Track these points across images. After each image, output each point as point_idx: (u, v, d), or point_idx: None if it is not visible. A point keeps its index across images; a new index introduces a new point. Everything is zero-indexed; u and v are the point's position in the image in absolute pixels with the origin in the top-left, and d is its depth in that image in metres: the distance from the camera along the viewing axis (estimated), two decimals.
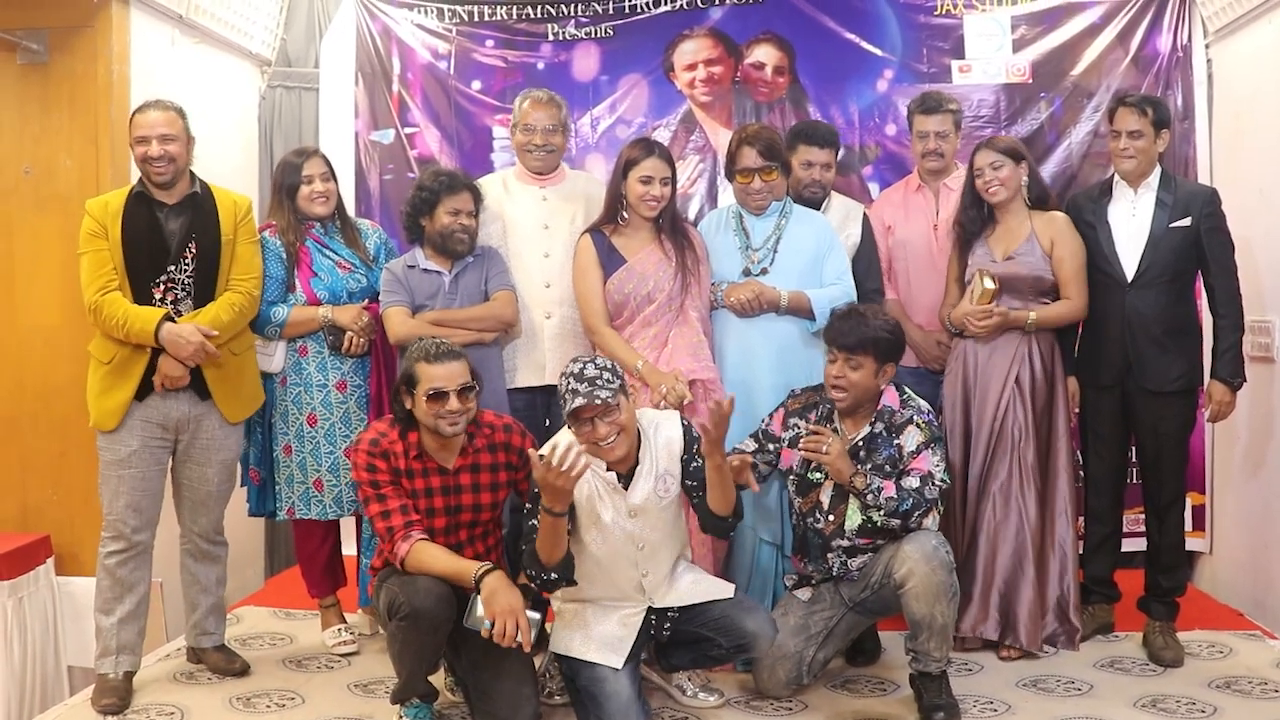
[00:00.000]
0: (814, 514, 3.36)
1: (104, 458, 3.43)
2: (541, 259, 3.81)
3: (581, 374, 3.03)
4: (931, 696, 3.25)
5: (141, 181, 3.45)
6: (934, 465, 3.27)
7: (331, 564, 3.98)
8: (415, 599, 2.96)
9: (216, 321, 3.41)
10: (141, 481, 3.43)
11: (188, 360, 3.36)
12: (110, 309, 3.32)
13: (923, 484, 3.24)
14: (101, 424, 3.39)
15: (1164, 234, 3.67)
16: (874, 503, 3.21)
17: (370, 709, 3.36)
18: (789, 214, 3.74)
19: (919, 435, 3.30)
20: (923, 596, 3.15)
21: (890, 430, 3.33)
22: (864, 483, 3.22)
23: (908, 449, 3.30)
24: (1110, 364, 3.75)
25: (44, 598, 4.11)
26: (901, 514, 3.20)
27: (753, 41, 5.10)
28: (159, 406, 3.42)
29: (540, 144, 3.86)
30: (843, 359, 3.28)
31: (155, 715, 3.33)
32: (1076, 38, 4.90)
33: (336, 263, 3.82)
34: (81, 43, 4.16)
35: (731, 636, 3.20)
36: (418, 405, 3.08)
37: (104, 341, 3.40)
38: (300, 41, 5.34)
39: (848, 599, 3.39)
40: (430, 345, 3.12)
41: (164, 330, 3.32)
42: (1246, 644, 3.82)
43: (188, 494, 3.57)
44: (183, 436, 3.49)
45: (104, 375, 3.40)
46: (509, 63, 5.18)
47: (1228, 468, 4.60)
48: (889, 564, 3.24)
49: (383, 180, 5.22)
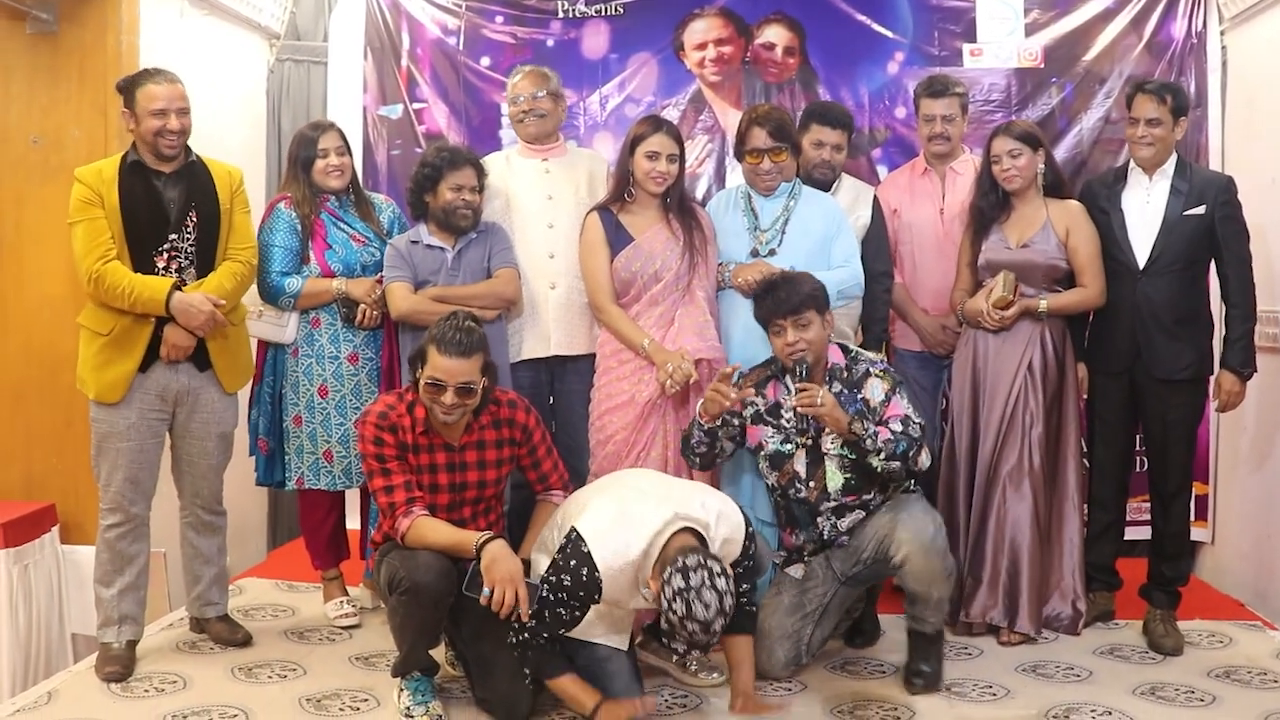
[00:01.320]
0: (793, 485, 3.38)
1: (99, 429, 3.42)
2: (545, 230, 3.80)
3: (709, 627, 2.70)
4: (919, 659, 3.31)
5: (134, 150, 3.42)
6: (905, 408, 3.31)
7: (335, 537, 4.00)
8: (415, 573, 2.97)
9: (221, 290, 3.41)
10: (139, 454, 3.43)
11: (198, 329, 3.36)
12: (114, 277, 3.29)
13: (905, 426, 3.27)
14: (104, 396, 3.38)
15: (1178, 221, 3.66)
16: (873, 447, 3.22)
17: (371, 681, 3.38)
18: (798, 195, 3.73)
19: (883, 384, 3.34)
20: (920, 579, 3.21)
21: (849, 387, 3.35)
22: (862, 428, 3.23)
23: (875, 400, 3.32)
24: (1120, 351, 3.75)
25: (49, 566, 4.12)
26: (900, 455, 3.23)
27: (763, 22, 5.08)
28: (159, 379, 3.42)
29: (527, 109, 3.86)
30: (791, 324, 3.28)
31: (158, 684, 3.36)
32: (1090, 23, 4.88)
33: (351, 236, 3.84)
34: (91, 13, 4.14)
35: None
36: (422, 385, 3.09)
37: (100, 312, 3.37)
38: (309, 15, 5.32)
39: (839, 573, 3.41)
40: (451, 334, 3.04)
41: (175, 299, 3.31)
42: (1247, 634, 3.82)
43: (187, 468, 3.58)
44: (181, 409, 3.49)
45: (102, 347, 3.37)
46: (518, 39, 5.16)
47: (1233, 458, 4.59)
48: (884, 543, 3.26)
49: (390, 155, 5.21)
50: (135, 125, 3.38)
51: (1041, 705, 3.22)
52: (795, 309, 3.27)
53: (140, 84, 3.38)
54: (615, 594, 2.91)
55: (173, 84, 3.40)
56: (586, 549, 2.87)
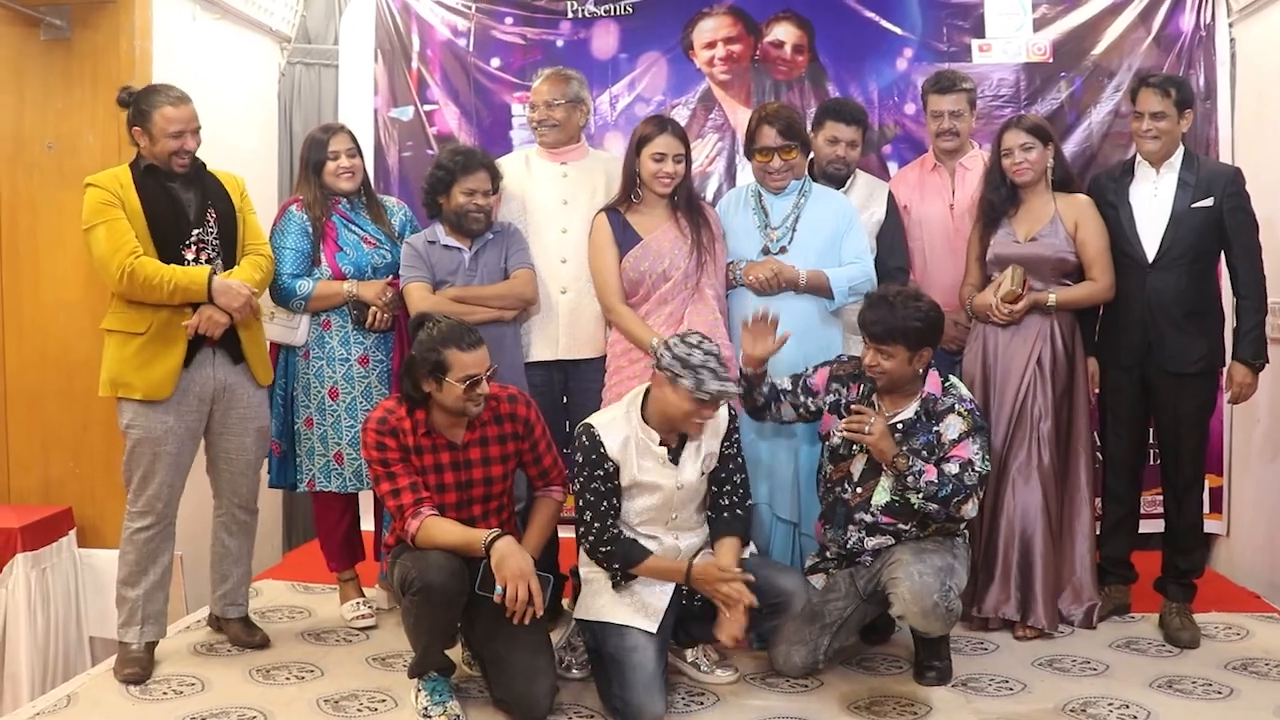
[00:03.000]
0: (843, 484, 3.37)
1: (135, 434, 3.40)
2: (559, 234, 3.81)
3: (721, 357, 3.08)
4: (928, 655, 3.32)
5: (141, 159, 3.43)
6: (974, 453, 3.24)
7: (350, 538, 4.02)
8: (427, 574, 2.98)
9: (252, 280, 3.45)
10: (176, 458, 3.44)
11: (237, 312, 3.38)
12: (149, 270, 3.29)
13: (963, 470, 3.21)
14: (154, 393, 3.36)
15: (1186, 214, 3.65)
16: (914, 485, 3.19)
17: (389, 682, 3.39)
18: (808, 193, 3.73)
19: (961, 424, 3.28)
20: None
21: (930, 416, 3.31)
22: (905, 464, 3.20)
23: (948, 437, 3.28)
24: (1131, 345, 3.74)
25: (66, 569, 4.15)
26: (941, 499, 3.19)
27: (772, 20, 5.08)
28: (199, 376, 3.43)
29: (540, 119, 3.86)
30: (874, 349, 3.26)
31: (176, 686, 3.37)
32: (1098, 16, 4.87)
33: (362, 238, 3.85)
34: (104, 18, 4.17)
35: (766, 595, 3.16)
36: (447, 392, 3.06)
37: (130, 312, 3.36)
38: (320, 18, 5.34)
39: (861, 590, 3.38)
40: (458, 331, 3.09)
41: (216, 280, 3.34)
42: (1263, 626, 3.82)
43: (225, 466, 3.59)
44: (218, 406, 3.51)
45: (141, 346, 3.35)
46: (528, 40, 5.17)
47: (1246, 450, 4.58)
48: (886, 586, 3.24)
49: (402, 157, 5.23)
50: (150, 144, 3.37)
51: (1058, 699, 3.22)
52: (879, 337, 3.24)
53: (155, 105, 3.35)
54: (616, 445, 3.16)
55: (186, 104, 3.39)
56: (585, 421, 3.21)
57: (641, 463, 3.17)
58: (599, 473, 3.14)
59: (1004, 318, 3.70)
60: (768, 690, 3.34)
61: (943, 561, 3.22)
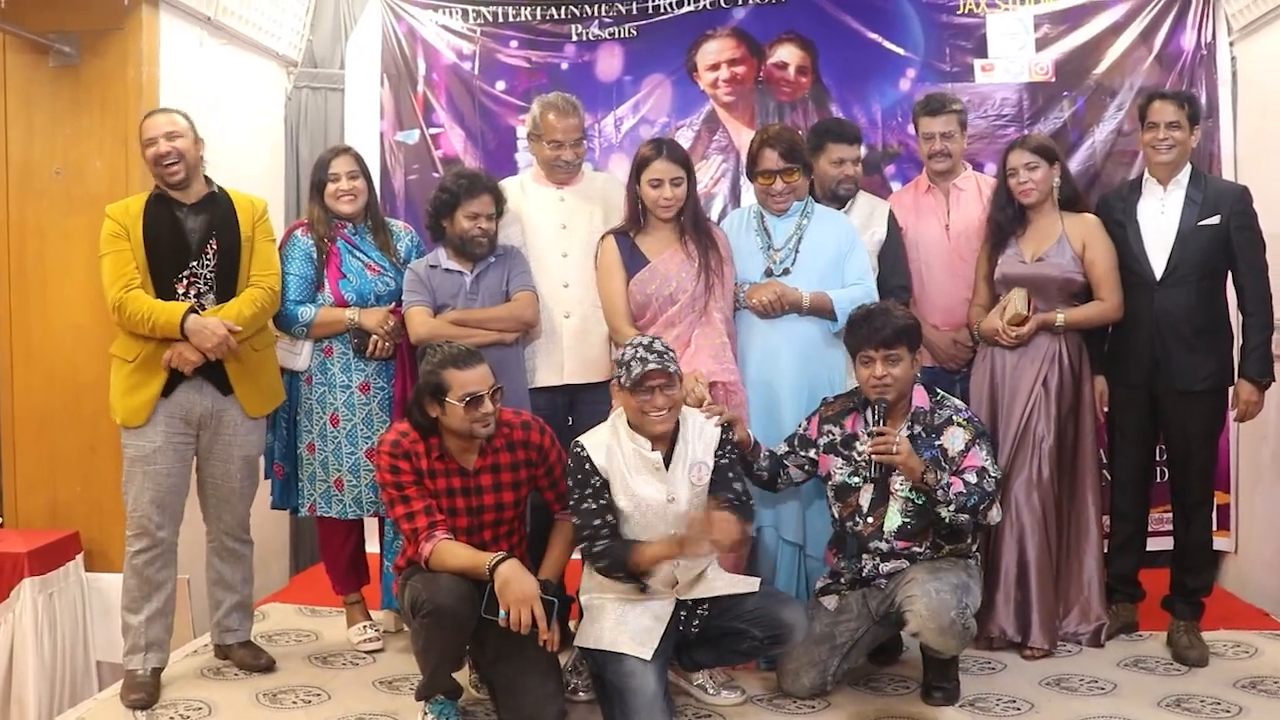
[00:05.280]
0: (853, 518, 3.37)
1: (128, 454, 3.48)
2: (560, 259, 3.82)
3: (650, 346, 3.14)
4: (935, 676, 3.30)
5: (158, 186, 3.50)
6: (985, 459, 3.27)
7: (355, 561, 4.02)
8: (437, 596, 2.99)
9: (240, 317, 3.46)
10: (166, 478, 3.47)
11: (210, 352, 3.40)
12: (134, 304, 3.38)
13: (980, 478, 3.23)
14: (129, 420, 3.44)
15: (1193, 231, 3.66)
16: (944, 498, 3.19)
17: (395, 705, 3.38)
18: (810, 214, 3.73)
19: (964, 434, 3.29)
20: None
21: (929, 432, 3.32)
22: (935, 478, 3.20)
23: (954, 449, 3.28)
24: (1139, 363, 3.74)
25: (73, 594, 4.15)
26: (970, 508, 3.20)
27: (775, 41, 5.10)
28: (182, 401, 3.47)
29: (570, 160, 3.84)
30: (881, 357, 3.26)
31: (183, 710, 3.37)
32: (1100, 36, 4.88)
33: (366, 265, 3.85)
34: (112, 45, 4.21)
35: (767, 627, 3.19)
36: (450, 413, 3.08)
37: (128, 341, 3.46)
38: (326, 42, 5.37)
39: (874, 612, 3.38)
40: (455, 351, 3.14)
41: (189, 321, 3.38)
42: (1272, 644, 3.80)
43: (212, 491, 3.62)
44: (205, 432, 3.53)
45: (129, 373, 3.45)
46: (533, 63, 5.20)
47: (1254, 468, 4.57)
48: (902, 605, 3.23)
49: (408, 180, 5.25)
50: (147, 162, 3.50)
51: (1066, 719, 3.21)
52: (887, 341, 3.24)
53: (141, 123, 3.51)
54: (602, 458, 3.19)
55: (165, 114, 3.52)
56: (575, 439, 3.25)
57: (634, 475, 3.18)
58: (588, 490, 3.17)
59: (1011, 341, 3.70)
60: (774, 712, 3.33)
61: (958, 580, 3.22)
